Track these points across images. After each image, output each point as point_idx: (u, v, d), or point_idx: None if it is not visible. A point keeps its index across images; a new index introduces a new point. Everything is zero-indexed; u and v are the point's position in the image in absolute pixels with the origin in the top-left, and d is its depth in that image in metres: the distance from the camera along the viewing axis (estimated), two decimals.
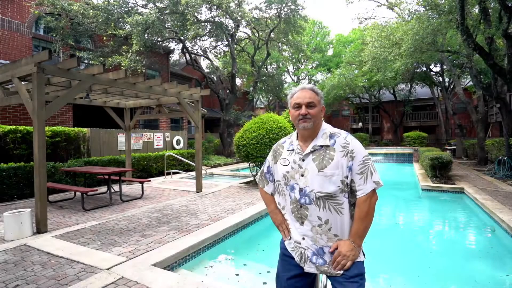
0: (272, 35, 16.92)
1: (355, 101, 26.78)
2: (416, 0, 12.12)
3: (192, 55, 15.60)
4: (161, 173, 10.12)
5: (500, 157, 10.08)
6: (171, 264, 3.17)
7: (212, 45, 17.53)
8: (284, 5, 15.07)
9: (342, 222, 1.44)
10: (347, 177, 1.42)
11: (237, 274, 3.34)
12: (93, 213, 5.14)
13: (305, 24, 16.40)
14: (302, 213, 1.48)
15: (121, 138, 9.87)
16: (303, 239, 1.49)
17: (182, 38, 13.61)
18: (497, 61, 8.51)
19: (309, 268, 1.49)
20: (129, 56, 10.38)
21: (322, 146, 1.47)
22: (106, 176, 6.02)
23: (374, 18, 16.74)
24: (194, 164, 10.31)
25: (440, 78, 19.47)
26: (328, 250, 1.45)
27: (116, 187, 7.17)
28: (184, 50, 14.83)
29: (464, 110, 25.83)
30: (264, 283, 3.14)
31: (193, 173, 10.35)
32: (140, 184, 7.91)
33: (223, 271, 3.47)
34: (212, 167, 12.66)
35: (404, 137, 22.09)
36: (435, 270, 3.56)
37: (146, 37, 10.78)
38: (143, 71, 11.37)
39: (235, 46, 16.31)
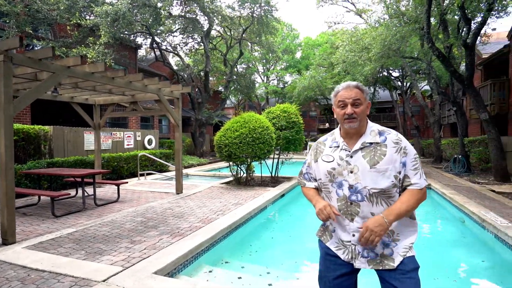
0: (244, 34, 16.86)
1: (322, 103, 27.75)
2: (383, 8, 12.91)
3: (162, 51, 14.93)
4: (132, 175, 9.54)
5: (455, 156, 11.11)
6: (171, 271, 2.97)
7: (183, 42, 16.99)
8: (257, 5, 15.08)
9: None
10: (400, 172, 1.42)
11: (240, 277, 3.24)
12: (66, 220, 4.66)
13: (278, 25, 16.59)
14: (352, 210, 1.45)
15: (88, 137, 9.12)
16: (353, 235, 1.46)
17: (152, 32, 12.96)
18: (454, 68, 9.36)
19: (360, 263, 1.46)
20: (96, 48, 9.60)
21: (372, 143, 1.45)
22: (79, 179, 5.50)
23: (343, 23, 17.45)
24: (169, 165, 9.91)
25: (399, 83, 20.96)
26: (379, 242, 1.42)
27: (89, 191, 6.59)
28: (154, 45, 14.15)
29: (418, 112, 28.14)
30: (270, 284, 3.08)
31: (168, 174, 9.94)
32: (113, 187, 7.42)
33: (224, 275, 3.34)
34: (185, 167, 12.24)
35: None
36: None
37: (115, 29, 10.06)
38: (112, 64, 10.62)
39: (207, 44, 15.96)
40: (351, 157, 1.46)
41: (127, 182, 6.49)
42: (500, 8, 9.22)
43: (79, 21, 9.76)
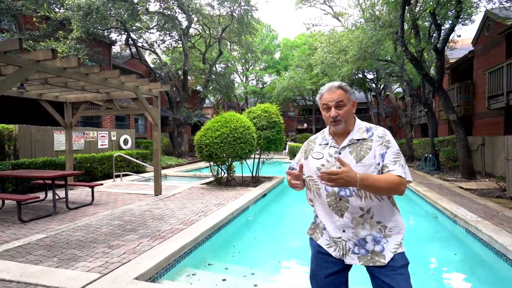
0: (224, 34, 16.72)
1: (301, 103, 28.20)
2: (359, 12, 13.32)
3: (138, 48, 14.43)
4: (107, 176, 9.13)
5: (426, 155, 11.70)
6: (153, 276, 2.85)
7: (161, 39, 16.54)
8: (237, 4, 15.02)
9: (384, 208, 1.45)
10: (379, 164, 1.41)
11: (224, 280, 3.17)
12: (35, 225, 4.35)
13: (258, 26, 16.61)
14: (341, 206, 1.45)
15: (58, 137, 8.60)
16: (344, 231, 1.47)
17: (127, 28, 12.47)
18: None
19: (350, 260, 1.46)
20: (68, 42, 9.06)
21: (359, 140, 1.48)
22: (49, 181, 5.15)
23: (321, 25, 17.84)
24: (146, 165, 9.59)
25: (374, 85, 21.76)
26: (370, 238, 1.43)
27: (60, 194, 6.20)
28: (130, 42, 13.64)
29: (391, 113, 29.34)
30: (255, 285, 3.05)
31: (146, 175, 9.62)
32: (87, 189, 7.07)
33: (208, 277, 3.26)
34: (163, 168, 11.91)
35: None
36: None
37: (88, 24, 9.56)
38: (86, 60, 10.08)
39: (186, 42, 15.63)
40: (339, 153, 1.47)
41: (102, 184, 6.18)
42: (466, 16, 9.85)
43: (47, 13, 9.17)
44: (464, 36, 20.48)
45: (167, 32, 15.13)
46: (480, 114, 11.53)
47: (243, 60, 27.19)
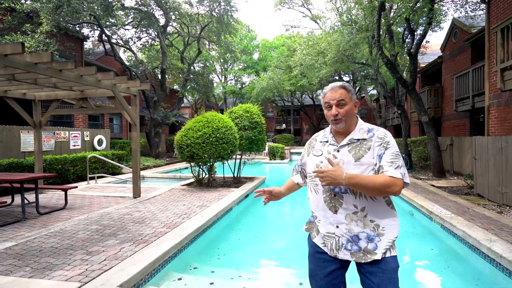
0: (203, 33, 16.48)
1: (280, 104, 28.48)
2: (336, 15, 13.67)
3: (113, 45, 13.83)
4: (80, 178, 8.66)
5: None
6: (138, 283, 2.72)
7: (136, 36, 15.98)
8: (217, 3, 14.86)
9: (377, 207, 1.47)
10: (376, 164, 1.44)
11: (212, 283, 3.10)
12: (2, 232, 4.02)
13: (238, 26, 16.54)
14: (335, 202, 1.49)
15: (25, 137, 8.03)
16: (337, 227, 1.50)
17: (101, 24, 11.91)
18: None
19: (343, 255, 1.49)
20: (36, 36, 8.47)
21: (359, 139, 1.50)
22: (17, 185, 4.78)
23: (299, 27, 18.09)
24: (122, 167, 9.23)
25: None
26: (364, 236, 1.45)
27: (29, 198, 5.77)
28: (104, 38, 13.04)
29: (366, 114, 30.44)
30: None
31: (122, 177, 9.26)
32: (58, 192, 6.69)
33: (195, 281, 3.17)
34: (141, 169, 11.50)
35: None
36: None
37: (58, 17, 9.01)
38: (57, 56, 9.50)
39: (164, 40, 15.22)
40: (338, 151, 1.51)
41: (76, 187, 5.84)
42: (435, 23, 10.44)
43: (13, 5, 8.54)
44: (432, 42, 21.75)
45: (144, 29, 14.65)
46: (448, 116, 12.25)
47: (221, 60, 26.99)
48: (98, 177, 8.69)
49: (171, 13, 13.74)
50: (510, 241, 3.48)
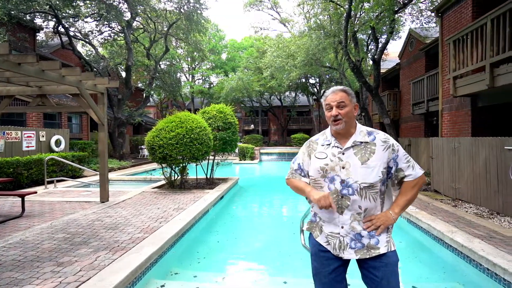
0: (170, 30, 15.97)
1: (248, 104, 28.58)
2: (303, 20, 14.10)
3: (71, 38, 12.80)
4: (35, 183, 7.90)
5: None
6: None
7: (97, 30, 14.99)
8: (186, 1, 14.50)
9: (376, 208, 1.57)
10: (388, 167, 1.57)
11: None
12: None
13: (207, 25, 16.29)
14: (342, 203, 1.55)
15: None
16: (342, 227, 1.56)
17: (57, 14, 10.96)
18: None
19: (348, 255, 1.56)
20: None
21: (362, 142, 1.58)
22: None
23: (268, 29, 18.35)
24: (84, 169, 8.61)
25: (316, 89, 23.29)
26: (365, 233, 1.55)
27: None
28: (61, 30, 12.03)
29: None
30: None
31: (84, 180, 8.64)
32: (11, 199, 6.06)
33: None
34: None
35: (291, 138, 25.18)
36: None
37: (9, 5, 8.11)
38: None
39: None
40: (343, 154, 1.57)
41: (35, 192, 5.29)
42: (395, 33, 11.25)
43: None
44: (391, 50, 23.41)
45: (106, 23, 13.78)
46: (406, 118, 13.26)
47: (189, 59, 26.37)
48: (58, 181, 7.99)
49: (138, 7, 13.10)
50: (468, 232, 3.87)
